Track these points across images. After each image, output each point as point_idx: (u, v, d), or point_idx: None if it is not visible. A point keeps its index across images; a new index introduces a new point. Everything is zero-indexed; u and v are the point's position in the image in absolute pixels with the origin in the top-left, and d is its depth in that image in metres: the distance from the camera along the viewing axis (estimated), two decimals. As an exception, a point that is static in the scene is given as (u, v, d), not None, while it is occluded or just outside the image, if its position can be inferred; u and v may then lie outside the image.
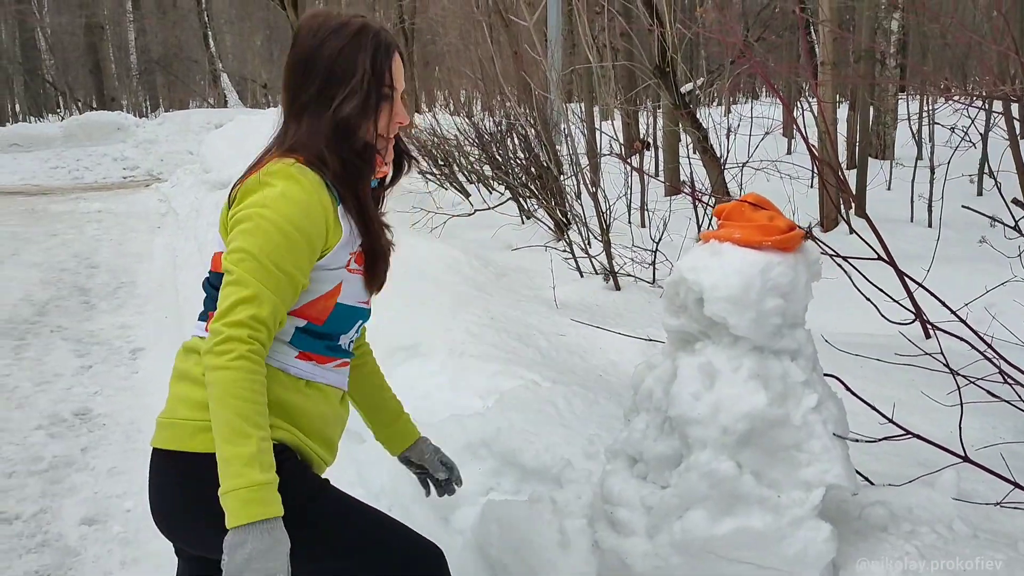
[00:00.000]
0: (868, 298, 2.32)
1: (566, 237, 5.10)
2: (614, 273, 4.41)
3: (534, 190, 6.18)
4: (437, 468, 2.04)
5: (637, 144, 6.47)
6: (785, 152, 10.48)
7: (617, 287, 4.38)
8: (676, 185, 8.03)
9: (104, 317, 6.37)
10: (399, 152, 1.80)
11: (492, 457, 2.34)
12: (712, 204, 4.99)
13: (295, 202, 1.52)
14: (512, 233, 6.54)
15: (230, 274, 1.50)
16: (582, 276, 4.71)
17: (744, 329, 1.65)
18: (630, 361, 3.35)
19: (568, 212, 5.49)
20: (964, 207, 2.93)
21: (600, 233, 4.58)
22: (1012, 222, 2.62)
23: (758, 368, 1.67)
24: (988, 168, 6.93)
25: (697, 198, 4.64)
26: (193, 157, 14.20)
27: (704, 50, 16.26)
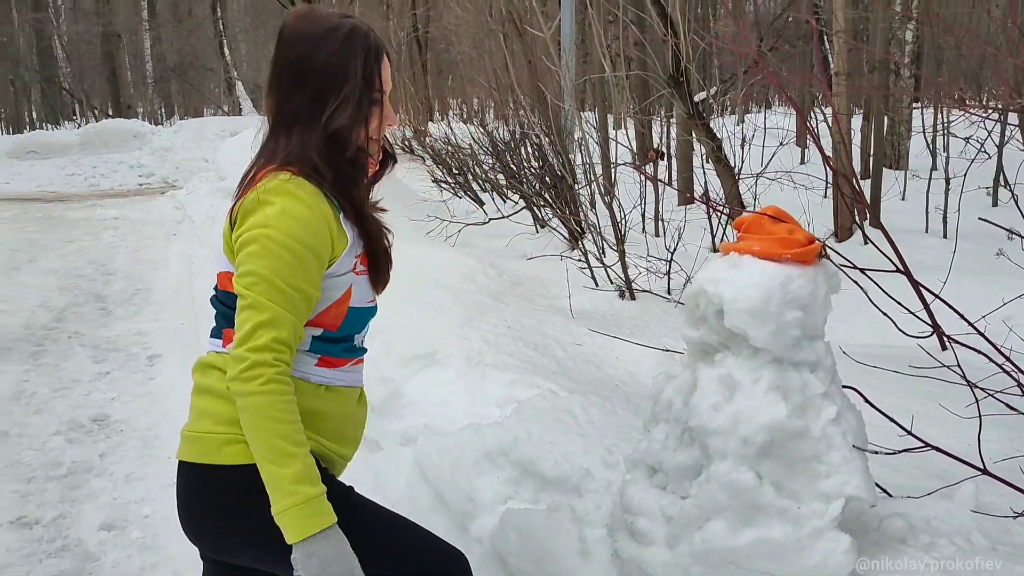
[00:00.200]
0: (884, 312, 2.32)
1: (581, 246, 5.12)
2: (629, 283, 4.42)
3: (548, 199, 6.20)
4: None
5: (652, 153, 6.47)
6: (798, 162, 10.48)
7: (632, 297, 4.39)
8: (690, 195, 8.04)
9: (121, 323, 6.42)
10: (383, 150, 1.78)
11: (510, 466, 2.36)
12: (726, 214, 4.99)
13: (297, 218, 1.52)
14: (526, 242, 6.56)
15: (244, 298, 1.50)
16: (597, 286, 4.72)
17: (764, 341, 1.66)
18: (646, 371, 3.36)
19: (583, 221, 5.51)
20: (981, 219, 2.93)
21: (615, 243, 4.60)
22: (1030, 235, 2.62)
23: (778, 380, 1.68)
24: (1004, 180, 6.92)
25: (713, 207, 4.65)
26: (208, 164, 14.28)
27: (717, 59, 16.27)
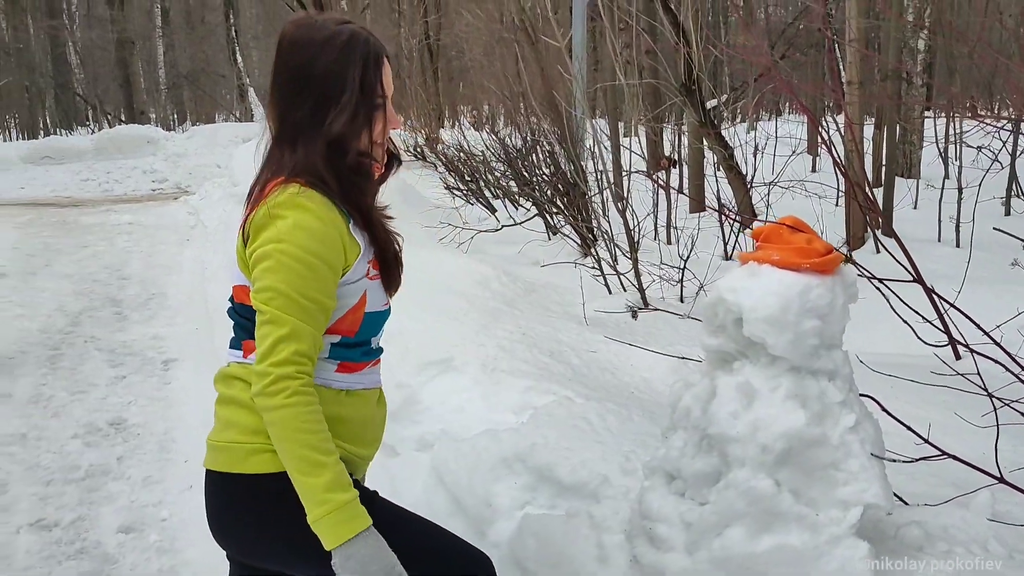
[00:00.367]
0: (905, 321, 2.34)
1: (594, 253, 5.14)
2: (643, 293, 4.44)
3: (561, 206, 6.23)
4: None
5: (664, 161, 6.49)
6: (809, 170, 10.48)
7: (646, 304, 4.42)
8: (701, 202, 8.05)
9: (136, 328, 6.47)
10: (388, 151, 1.78)
11: (527, 472, 2.38)
12: (739, 222, 5.01)
13: (309, 231, 1.53)
14: (538, 249, 6.58)
15: (263, 314, 1.53)
16: (611, 293, 4.74)
17: (782, 349, 1.68)
18: (661, 379, 3.38)
19: (595, 228, 5.53)
20: (996, 229, 2.95)
21: (628, 252, 4.62)
22: (1045, 245, 2.64)
23: (796, 388, 1.70)
24: (1017, 189, 6.92)
25: (726, 214, 4.67)
26: (221, 170, 14.36)
27: (728, 67, 16.28)
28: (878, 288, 2.24)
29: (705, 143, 7.46)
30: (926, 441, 2.02)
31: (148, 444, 4.36)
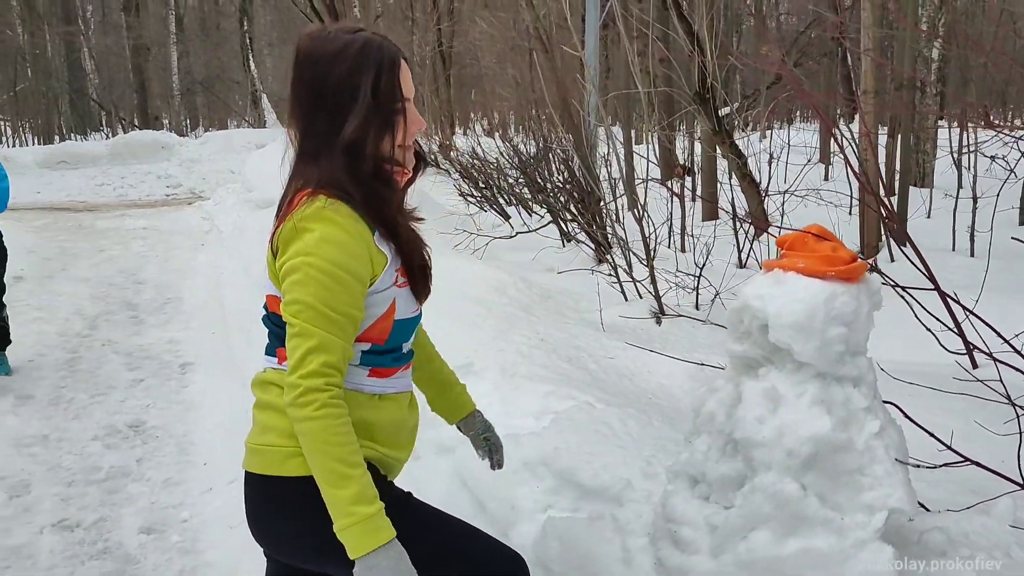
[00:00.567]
0: (928, 328, 2.35)
1: (610, 259, 5.17)
2: (660, 301, 4.47)
3: (575, 213, 6.26)
4: (478, 445, 2.10)
5: (679, 169, 6.52)
6: (822, 178, 10.48)
7: (663, 312, 4.44)
8: (715, 210, 8.07)
9: (153, 332, 6.52)
10: (415, 153, 1.78)
11: (550, 476, 2.40)
12: (758, 227, 5.03)
13: (336, 244, 1.56)
14: (553, 256, 6.61)
15: (292, 326, 1.56)
16: (627, 300, 4.76)
17: (808, 356, 1.70)
18: (679, 385, 3.40)
19: (610, 236, 5.56)
20: (1015, 239, 2.96)
21: (645, 259, 4.64)
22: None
23: (822, 394, 1.72)
24: (1032, 198, 6.91)
25: (742, 222, 4.70)
26: (234, 176, 14.45)
27: (739, 75, 16.30)
28: (901, 296, 2.26)
29: (719, 151, 7.49)
30: (948, 447, 2.04)
31: (167, 447, 4.40)
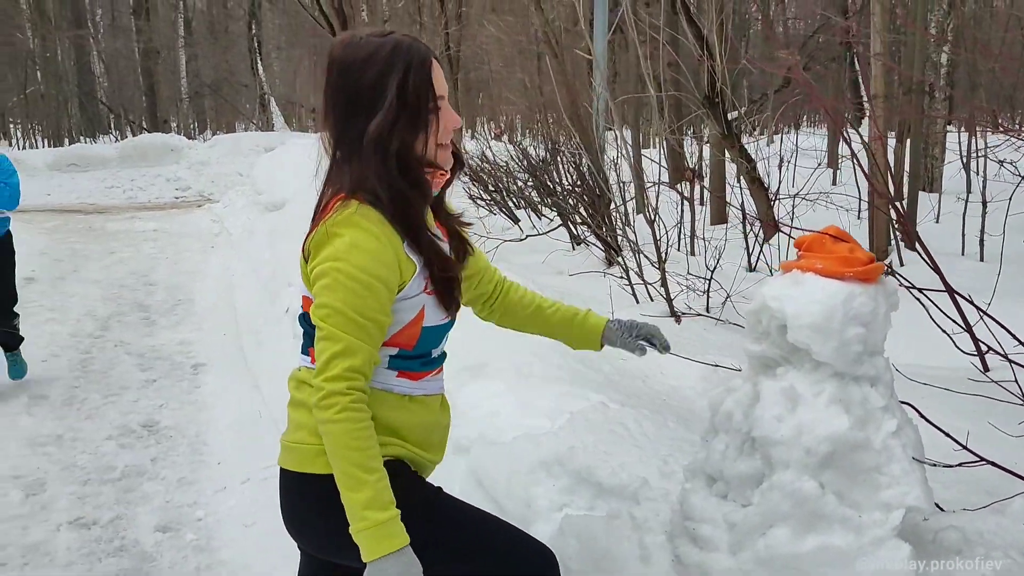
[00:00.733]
0: (944, 330, 2.37)
1: (621, 262, 5.19)
2: (671, 303, 4.49)
3: (585, 216, 6.28)
4: (634, 348, 2.02)
5: (688, 173, 6.55)
6: (830, 183, 10.49)
7: (672, 314, 4.46)
8: (724, 213, 8.10)
9: (164, 333, 6.56)
10: (452, 154, 1.77)
11: (566, 475, 2.42)
12: (775, 227, 5.04)
13: (365, 250, 1.58)
14: (563, 259, 6.63)
15: (320, 330, 1.59)
16: (638, 302, 4.79)
17: (827, 356, 1.73)
18: (691, 387, 3.43)
19: (620, 239, 5.58)
20: (1027, 242, 2.97)
21: (657, 262, 4.66)
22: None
23: (839, 393, 1.74)
24: (1041, 203, 6.90)
25: (751, 223, 4.71)
26: (243, 179, 14.50)
27: (746, 80, 16.31)
28: (917, 298, 2.28)
29: (727, 155, 7.50)
30: (964, 447, 2.05)
31: (180, 446, 4.43)
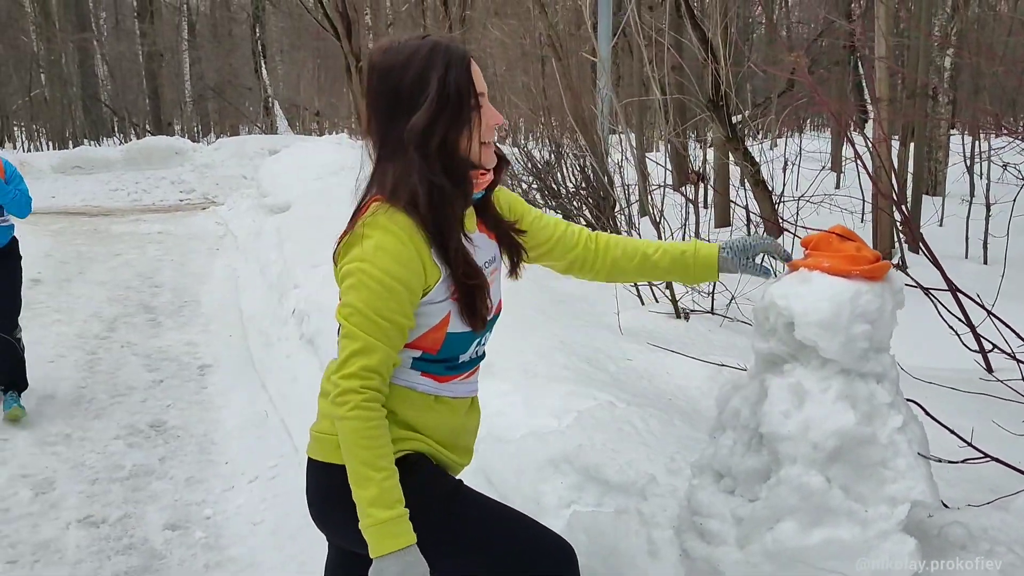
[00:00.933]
0: (952, 328, 2.40)
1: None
2: (676, 304, 4.52)
3: (590, 218, 6.30)
4: (756, 272, 1.96)
5: (693, 176, 6.56)
6: (834, 186, 10.52)
7: (678, 315, 4.49)
8: (727, 216, 8.12)
9: (171, 334, 6.60)
10: (496, 154, 1.78)
11: (574, 472, 2.44)
12: (786, 227, 5.06)
13: (390, 253, 1.60)
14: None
15: (342, 328, 1.63)
16: (643, 303, 4.81)
17: (833, 352, 1.75)
18: (697, 386, 3.45)
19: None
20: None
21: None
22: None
23: (846, 389, 1.76)
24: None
25: (755, 225, 4.73)
26: (248, 181, 14.54)
27: (749, 84, 16.33)
28: (926, 294, 2.30)
29: (732, 158, 7.53)
30: (969, 444, 2.08)
31: (188, 446, 4.46)
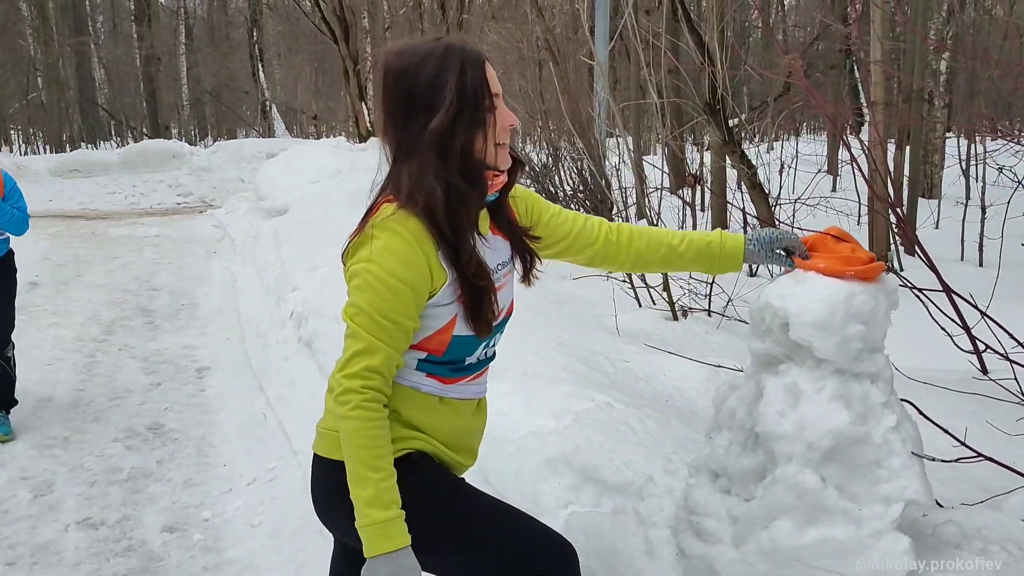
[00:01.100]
0: (945, 329, 2.42)
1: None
2: (673, 305, 4.54)
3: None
4: (780, 263, 1.94)
5: (690, 179, 6.60)
6: (830, 189, 10.55)
7: (676, 317, 4.51)
8: (724, 219, 8.14)
9: (168, 337, 6.60)
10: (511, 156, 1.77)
11: (572, 472, 2.46)
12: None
13: (396, 254, 1.60)
14: (565, 263, 6.66)
15: (347, 327, 1.64)
16: (640, 306, 4.83)
17: (828, 352, 1.77)
18: (694, 388, 3.47)
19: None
20: (1025, 245, 3.02)
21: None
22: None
23: (840, 389, 1.78)
24: (1040, 208, 6.94)
25: (751, 228, 4.74)
26: (245, 185, 14.54)
27: (746, 87, 16.38)
28: (917, 296, 2.32)
29: (728, 161, 7.55)
30: (963, 443, 2.10)
31: (186, 449, 4.47)
